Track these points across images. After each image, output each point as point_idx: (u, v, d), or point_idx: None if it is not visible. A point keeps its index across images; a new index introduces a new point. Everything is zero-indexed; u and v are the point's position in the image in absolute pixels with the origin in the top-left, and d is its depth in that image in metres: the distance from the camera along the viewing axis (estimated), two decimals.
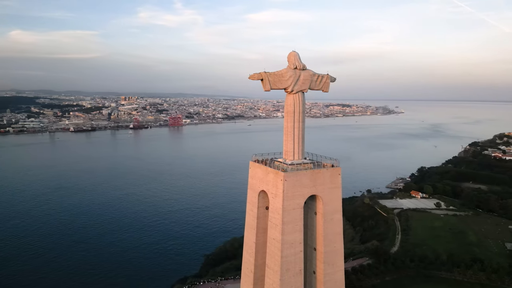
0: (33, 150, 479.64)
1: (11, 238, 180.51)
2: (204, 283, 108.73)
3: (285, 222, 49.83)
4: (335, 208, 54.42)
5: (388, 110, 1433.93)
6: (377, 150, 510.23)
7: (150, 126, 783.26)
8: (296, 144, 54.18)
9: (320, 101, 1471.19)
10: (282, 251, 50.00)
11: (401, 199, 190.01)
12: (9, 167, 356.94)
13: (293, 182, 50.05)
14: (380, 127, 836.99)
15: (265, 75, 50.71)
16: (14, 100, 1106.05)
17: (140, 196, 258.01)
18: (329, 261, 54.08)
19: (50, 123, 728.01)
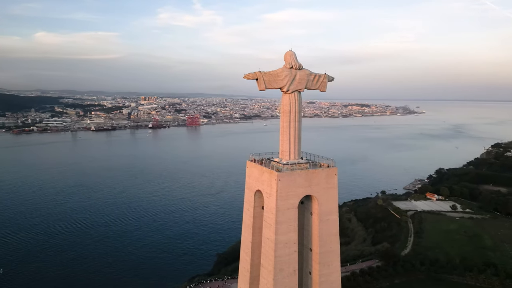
0: (56, 148, 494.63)
1: (33, 235, 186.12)
2: (211, 281, 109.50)
3: (279, 222, 49.74)
4: (331, 208, 53.89)
5: (408, 110, 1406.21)
6: (396, 150, 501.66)
7: (168, 125, 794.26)
8: (292, 144, 53.98)
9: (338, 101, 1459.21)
10: (276, 251, 49.95)
11: (415, 201, 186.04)
12: (33, 165, 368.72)
13: (287, 182, 49.88)
14: (399, 128, 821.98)
15: (260, 75, 50.73)
16: (38, 100, 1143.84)
17: (157, 195, 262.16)
18: (324, 262, 53.65)
19: (73, 122, 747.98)
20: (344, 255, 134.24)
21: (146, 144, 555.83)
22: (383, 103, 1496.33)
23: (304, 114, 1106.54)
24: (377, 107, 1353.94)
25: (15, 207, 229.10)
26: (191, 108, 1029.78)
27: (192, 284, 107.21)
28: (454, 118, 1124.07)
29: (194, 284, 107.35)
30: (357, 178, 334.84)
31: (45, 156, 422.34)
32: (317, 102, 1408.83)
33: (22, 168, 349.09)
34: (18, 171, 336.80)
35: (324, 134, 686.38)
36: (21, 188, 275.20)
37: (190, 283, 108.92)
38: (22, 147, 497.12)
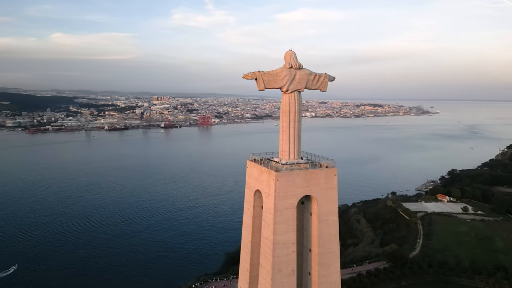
0: (70, 147, 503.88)
1: (47, 233, 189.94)
2: (216, 281, 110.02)
3: (277, 222, 49.64)
4: (330, 209, 53.50)
5: (422, 111, 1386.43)
6: (408, 151, 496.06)
7: (180, 125, 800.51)
8: (292, 144, 53.78)
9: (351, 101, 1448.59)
10: (274, 251, 49.86)
11: (426, 203, 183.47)
12: (47, 164, 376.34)
13: (285, 182, 49.72)
14: (412, 128, 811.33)
15: (259, 74, 50.67)
16: (54, 100, 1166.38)
17: (168, 195, 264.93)
18: (323, 262, 53.30)
19: (87, 122, 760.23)
20: (351, 256, 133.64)
21: (158, 144, 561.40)
22: (396, 103, 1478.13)
23: (315, 114, 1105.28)
24: (390, 107, 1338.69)
25: (30, 205, 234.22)
26: (203, 108, 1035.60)
27: (198, 283, 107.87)
28: (469, 118, 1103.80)
29: (199, 283, 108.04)
30: (368, 179, 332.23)
31: (59, 155, 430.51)
32: (329, 102, 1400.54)
33: (37, 167, 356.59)
34: (33, 169, 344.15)
35: (336, 134, 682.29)
36: (36, 187, 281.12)
37: (196, 282, 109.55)
38: (37, 146, 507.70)
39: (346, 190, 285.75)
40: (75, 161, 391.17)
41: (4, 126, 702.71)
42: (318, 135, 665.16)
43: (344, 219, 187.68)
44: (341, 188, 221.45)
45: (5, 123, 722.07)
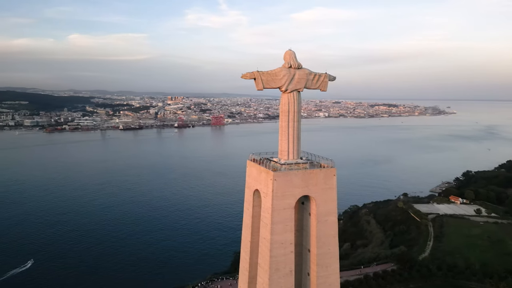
0: (85, 146, 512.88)
1: (62, 232, 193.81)
2: (222, 280, 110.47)
3: (274, 222, 49.58)
4: (329, 209, 53.09)
5: (438, 111, 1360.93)
6: (423, 152, 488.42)
7: (193, 125, 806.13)
8: (291, 144, 53.60)
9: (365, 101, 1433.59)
10: (272, 251, 49.81)
11: (438, 204, 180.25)
12: (63, 162, 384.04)
13: (283, 182, 49.61)
14: (428, 128, 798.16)
15: (258, 74, 50.71)
16: (71, 100, 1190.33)
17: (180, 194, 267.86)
18: (322, 263, 52.97)
19: (102, 122, 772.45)
20: (359, 257, 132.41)
21: (171, 143, 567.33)
22: (412, 103, 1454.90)
23: (329, 114, 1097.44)
24: (405, 107, 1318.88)
25: (46, 203, 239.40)
26: (216, 108, 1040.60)
27: (204, 282, 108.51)
28: (487, 118, 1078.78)
29: (205, 282, 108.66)
30: (380, 180, 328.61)
31: (75, 154, 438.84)
32: (343, 102, 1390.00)
33: (53, 166, 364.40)
34: (49, 168, 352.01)
35: (349, 134, 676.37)
36: (52, 185, 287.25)
37: (203, 281, 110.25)
38: (54, 145, 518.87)
39: (357, 191, 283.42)
40: (90, 160, 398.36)
41: (22, 125, 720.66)
42: (330, 135, 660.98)
43: (354, 220, 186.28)
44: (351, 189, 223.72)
45: (24, 122, 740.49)
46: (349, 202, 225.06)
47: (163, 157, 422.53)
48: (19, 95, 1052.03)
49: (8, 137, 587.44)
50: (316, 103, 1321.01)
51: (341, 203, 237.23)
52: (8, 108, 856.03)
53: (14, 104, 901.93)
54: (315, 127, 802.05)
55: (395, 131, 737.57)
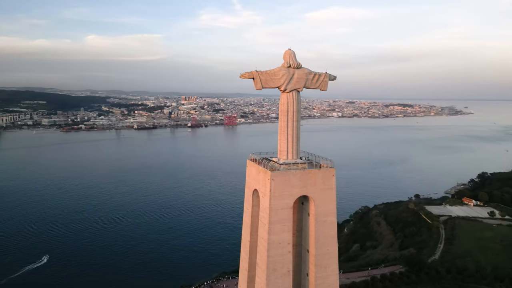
0: (100, 145, 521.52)
1: (77, 230, 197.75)
2: (228, 279, 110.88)
3: (272, 222, 49.54)
4: (328, 210, 52.73)
5: (455, 111, 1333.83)
6: (439, 153, 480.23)
7: (206, 125, 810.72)
8: (290, 144, 53.41)
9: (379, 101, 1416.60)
10: (269, 251, 49.79)
11: (450, 206, 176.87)
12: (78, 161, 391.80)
13: (280, 182, 49.52)
14: (444, 129, 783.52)
15: (256, 74, 50.74)
16: (88, 100, 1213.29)
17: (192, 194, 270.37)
18: (321, 264, 52.64)
19: (117, 121, 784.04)
20: (368, 259, 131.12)
21: (184, 143, 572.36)
22: (428, 103, 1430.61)
23: (342, 114, 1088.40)
24: (421, 107, 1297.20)
25: (61, 202, 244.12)
26: (229, 107, 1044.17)
27: (210, 281, 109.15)
28: (506, 119, 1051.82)
29: (211, 281, 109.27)
30: (394, 181, 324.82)
31: (90, 153, 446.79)
32: (357, 101, 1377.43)
33: (68, 164, 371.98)
34: (65, 167, 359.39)
35: (362, 134, 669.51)
36: (67, 184, 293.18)
37: (209, 280, 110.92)
38: (70, 144, 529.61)
39: (369, 191, 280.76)
40: (104, 159, 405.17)
41: (40, 125, 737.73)
42: (342, 135, 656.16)
43: (364, 221, 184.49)
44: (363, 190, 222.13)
45: (41, 121, 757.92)
46: (360, 203, 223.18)
47: (175, 157, 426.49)
48: (37, 95, 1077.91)
49: (26, 136, 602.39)
50: (330, 103, 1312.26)
51: (352, 204, 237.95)
52: (26, 108, 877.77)
53: (33, 104, 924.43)
54: (328, 127, 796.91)
55: (410, 131, 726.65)
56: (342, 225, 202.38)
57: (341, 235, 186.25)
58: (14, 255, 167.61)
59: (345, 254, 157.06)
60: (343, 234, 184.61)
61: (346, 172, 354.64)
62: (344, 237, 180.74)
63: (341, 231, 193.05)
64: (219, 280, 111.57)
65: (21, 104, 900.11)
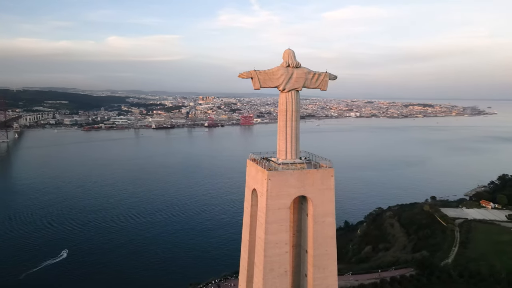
0: (119, 144, 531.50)
1: (95, 229, 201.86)
2: (236, 278, 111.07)
3: (268, 222, 49.55)
4: (327, 210, 52.33)
5: (477, 111, 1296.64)
6: (459, 154, 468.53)
7: (223, 124, 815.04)
8: (289, 143, 53.26)
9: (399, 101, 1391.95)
10: (266, 250, 49.81)
11: (467, 209, 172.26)
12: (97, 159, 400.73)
13: (278, 182, 49.48)
14: (465, 129, 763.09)
15: (255, 74, 50.82)
16: (108, 99, 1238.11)
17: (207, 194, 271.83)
18: (319, 264, 52.31)
19: (136, 120, 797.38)
20: (379, 261, 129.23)
21: (201, 142, 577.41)
22: (449, 103, 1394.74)
23: (360, 114, 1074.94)
24: (442, 107, 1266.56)
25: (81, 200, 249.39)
26: (246, 107, 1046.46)
27: (217, 279, 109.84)
28: None
29: (219, 280, 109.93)
30: (411, 182, 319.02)
31: (109, 152, 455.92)
32: (376, 101, 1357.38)
33: (88, 163, 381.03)
34: (84, 165, 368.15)
35: (380, 135, 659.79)
36: (87, 182, 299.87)
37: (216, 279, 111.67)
38: (90, 143, 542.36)
39: (384, 193, 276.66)
40: (123, 158, 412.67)
41: (62, 124, 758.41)
42: (359, 135, 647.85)
43: (377, 223, 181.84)
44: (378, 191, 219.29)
45: (63, 121, 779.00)
46: (376, 204, 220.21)
47: (192, 156, 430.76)
48: (60, 95, 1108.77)
49: (48, 135, 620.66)
50: (348, 102, 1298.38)
51: (365, 205, 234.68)
52: (49, 107, 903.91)
53: (55, 104, 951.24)
54: (345, 127, 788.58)
55: (429, 132, 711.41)
56: (356, 226, 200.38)
57: (354, 236, 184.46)
58: (34, 251, 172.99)
59: (357, 255, 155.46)
60: (356, 236, 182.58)
61: (362, 173, 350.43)
62: (357, 238, 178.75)
63: (354, 232, 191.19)
64: (227, 279, 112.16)
65: (44, 104, 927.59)
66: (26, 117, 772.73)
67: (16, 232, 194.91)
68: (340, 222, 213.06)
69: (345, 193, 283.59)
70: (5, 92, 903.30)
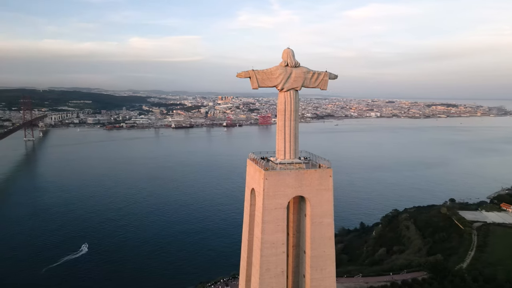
0: (140, 143, 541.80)
1: (114, 227, 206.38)
2: None
3: (265, 221, 49.49)
4: (324, 211, 51.76)
5: (504, 111, 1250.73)
6: (483, 155, 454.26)
7: (241, 124, 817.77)
8: (287, 143, 53.08)
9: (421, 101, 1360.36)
10: (262, 250, 49.78)
11: (487, 212, 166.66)
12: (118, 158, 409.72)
13: (274, 181, 49.37)
14: (490, 130, 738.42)
15: (253, 73, 50.86)
16: (130, 99, 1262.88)
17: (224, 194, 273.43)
18: (317, 266, 51.86)
19: (156, 120, 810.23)
20: (391, 264, 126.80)
21: (219, 142, 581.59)
22: (474, 103, 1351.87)
23: (381, 114, 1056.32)
24: (466, 107, 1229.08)
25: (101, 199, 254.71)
26: (264, 107, 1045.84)
27: (226, 278, 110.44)
28: None
29: (228, 278, 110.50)
30: (431, 184, 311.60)
31: (129, 151, 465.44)
32: (397, 101, 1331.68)
33: (109, 161, 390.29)
34: (105, 163, 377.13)
35: (400, 135, 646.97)
36: (108, 180, 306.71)
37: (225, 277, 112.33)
38: (113, 141, 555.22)
39: (401, 195, 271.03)
40: (143, 156, 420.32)
41: (85, 123, 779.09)
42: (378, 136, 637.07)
43: (393, 225, 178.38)
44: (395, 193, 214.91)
45: (87, 120, 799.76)
46: (393, 206, 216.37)
47: (210, 155, 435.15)
48: (84, 95, 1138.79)
49: (71, 133, 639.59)
50: (368, 102, 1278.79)
51: (382, 207, 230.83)
52: (74, 107, 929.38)
53: (79, 103, 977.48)
54: (364, 127, 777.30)
55: (452, 132, 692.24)
56: (371, 228, 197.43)
57: (369, 238, 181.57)
58: (54, 247, 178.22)
59: (370, 258, 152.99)
60: (371, 238, 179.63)
61: (380, 174, 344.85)
62: (371, 240, 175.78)
63: (369, 234, 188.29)
64: (236, 278, 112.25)
65: (69, 104, 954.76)
66: (51, 116, 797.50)
67: (38, 229, 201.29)
68: (356, 224, 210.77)
69: (362, 194, 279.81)
70: (32, 92, 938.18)
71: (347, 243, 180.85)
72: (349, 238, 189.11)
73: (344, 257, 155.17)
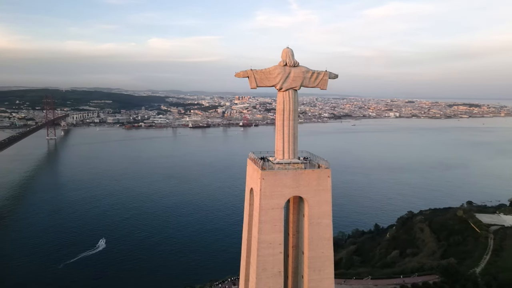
0: (158, 142, 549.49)
1: (132, 226, 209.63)
2: None
3: (262, 221, 49.50)
4: (323, 212, 51.32)
5: None
6: (506, 157, 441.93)
7: (257, 124, 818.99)
8: (286, 143, 52.92)
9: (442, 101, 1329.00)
10: (259, 250, 49.81)
11: (505, 215, 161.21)
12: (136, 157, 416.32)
13: (271, 181, 49.31)
14: None
15: (251, 73, 50.96)
16: (149, 99, 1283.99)
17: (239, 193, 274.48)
18: (315, 266, 51.48)
19: (174, 120, 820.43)
20: (402, 267, 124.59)
21: (235, 141, 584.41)
22: (498, 103, 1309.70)
23: (400, 114, 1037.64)
24: (489, 107, 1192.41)
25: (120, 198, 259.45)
26: None
27: (234, 277, 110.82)
28: None
29: (235, 278, 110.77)
30: (450, 186, 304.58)
31: (147, 149, 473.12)
32: (417, 101, 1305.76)
33: (128, 160, 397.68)
34: (124, 162, 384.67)
35: (419, 136, 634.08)
36: (126, 179, 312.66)
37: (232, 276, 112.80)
38: (131, 140, 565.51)
39: (419, 196, 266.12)
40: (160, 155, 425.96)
41: (105, 122, 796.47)
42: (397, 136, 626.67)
43: (407, 227, 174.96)
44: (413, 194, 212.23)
45: (107, 119, 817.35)
46: (408, 208, 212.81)
47: (226, 154, 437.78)
48: (104, 95, 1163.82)
49: (92, 132, 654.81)
50: (387, 102, 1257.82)
51: (398, 209, 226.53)
52: (95, 107, 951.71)
53: (100, 103, 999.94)
54: (382, 127, 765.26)
55: (474, 133, 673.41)
56: (386, 230, 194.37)
57: (383, 240, 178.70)
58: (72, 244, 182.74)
59: (383, 260, 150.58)
60: (384, 240, 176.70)
61: (398, 175, 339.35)
62: (384, 242, 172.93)
63: (383, 236, 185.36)
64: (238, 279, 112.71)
65: (90, 103, 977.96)
66: (73, 115, 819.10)
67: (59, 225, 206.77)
68: (370, 225, 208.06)
69: (378, 195, 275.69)
70: (55, 92, 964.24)
71: (360, 244, 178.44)
72: (362, 239, 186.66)
73: (356, 259, 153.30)
